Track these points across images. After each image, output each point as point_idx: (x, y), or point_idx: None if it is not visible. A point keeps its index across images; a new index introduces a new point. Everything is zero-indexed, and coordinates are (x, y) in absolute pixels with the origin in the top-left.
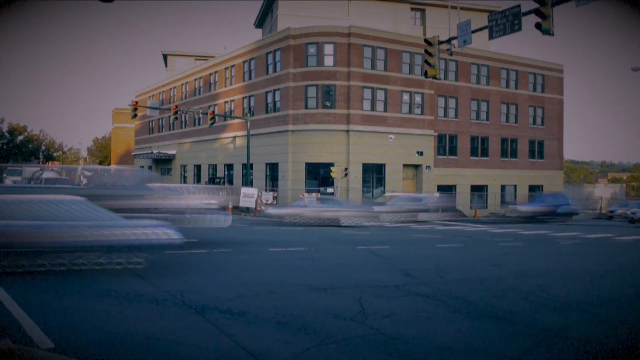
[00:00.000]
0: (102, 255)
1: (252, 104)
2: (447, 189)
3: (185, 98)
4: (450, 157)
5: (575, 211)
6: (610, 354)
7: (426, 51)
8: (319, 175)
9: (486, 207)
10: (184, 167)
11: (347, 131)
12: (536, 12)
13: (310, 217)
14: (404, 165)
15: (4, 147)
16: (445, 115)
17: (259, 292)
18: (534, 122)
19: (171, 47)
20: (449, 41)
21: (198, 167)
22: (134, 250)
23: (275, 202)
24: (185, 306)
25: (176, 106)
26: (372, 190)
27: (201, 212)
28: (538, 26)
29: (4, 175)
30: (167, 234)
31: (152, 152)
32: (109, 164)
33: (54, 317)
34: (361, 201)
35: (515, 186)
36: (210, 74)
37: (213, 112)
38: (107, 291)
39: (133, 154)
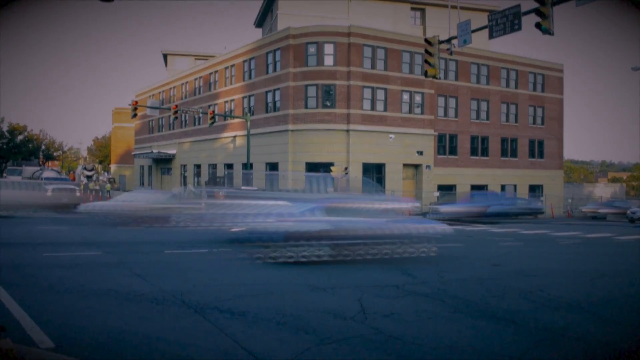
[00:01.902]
0: (389, 246)
1: (252, 103)
2: (447, 189)
3: (185, 98)
4: (450, 156)
5: (512, 211)
6: (610, 354)
7: (426, 51)
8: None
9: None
10: (184, 167)
11: (347, 131)
12: (536, 11)
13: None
14: (404, 165)
15: (4, 146)
16: (445, 114)
17: (259, 292)
18: (534, 122)
19: (171, 47)
20: (449, 41)
21: (198, 167)
22: (429, 240)
23: None
24: (186, 306)
25: (176, 106)
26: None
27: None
28: (538, 26)
29: (4, 174)
30: (444, 228)
31: (152, 152)
32: (109, 164)
33: (54, 317)
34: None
35: (515, 186)
36: (210, 74)
37: (213, 111)
38: (107, 291)
39: (133, 153)
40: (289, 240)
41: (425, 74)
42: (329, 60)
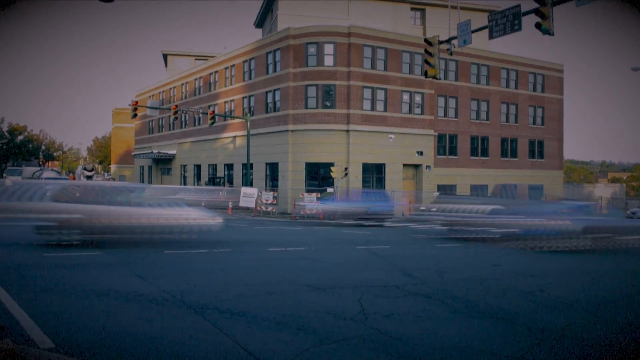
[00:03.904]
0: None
1: (252, 103)
2: (447, 189)
3: (185, 98)
4: (450, 157)
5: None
6: (610, 354)
7: (426, 51)
8: (319, 175)
9: None
10: (183, 167)
11: (347, 131)
12: (536, 11)
13: None
14: (404, 165)
15: (4, 147)
16: (445, 115)
17: (259, 292)
18: (534, 122)
19: (171, 47)
20: (449, 41)
21: (198, 167)
22: None
23: (275, 202)
24: (185, 306)
25: (176, 106)
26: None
27: None
28: (538, 26)
29: (4, 175)
30: None
31: (152, 152)
32: (109, 164)
33: (54, 317)
34: None
35: (515, 186)
36: (210, 74)
37: (213, 111)
38: (107, 291)
39: (133, 153)
40: (563, 235)
41: (425, 74)
42: (329, 61)
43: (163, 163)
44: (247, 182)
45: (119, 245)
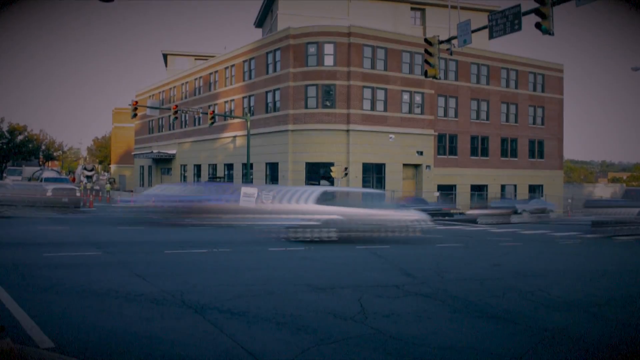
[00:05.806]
0: None
1: (252, 103)
2: (447, 189)
3: (185, 98)
4: (450, 156)
5: None
6: (610, 353)
7: (426, 51)
8: (319, 175)
9: (486, 206)
10: (183, 167)
11: (347, 131)
12: (536, 11)
13: None
14: (404, 165)
15: (4, 147)
16: (445, 115)
17: (259, 292)
18: (534, 122)
19: (171, 47)
20: (449, 41)
21: (198, 167)
22: None
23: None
24: (185, 306)
25: (176, 106)
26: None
27: None
28: (538, 26)
29: (4, 174)
30: None
31: (152, 152)
32: (109, 164)
33: (54, 317)
34: None
35: (515, 186)
36: (210, 74)
37: (213, 111)
38: (107, 291)
39: (133, 153)
40: None
41: (425, 74)
42: (329, 60)
43: (163, 163)
44: (247, 181)
45: (371, 242)
